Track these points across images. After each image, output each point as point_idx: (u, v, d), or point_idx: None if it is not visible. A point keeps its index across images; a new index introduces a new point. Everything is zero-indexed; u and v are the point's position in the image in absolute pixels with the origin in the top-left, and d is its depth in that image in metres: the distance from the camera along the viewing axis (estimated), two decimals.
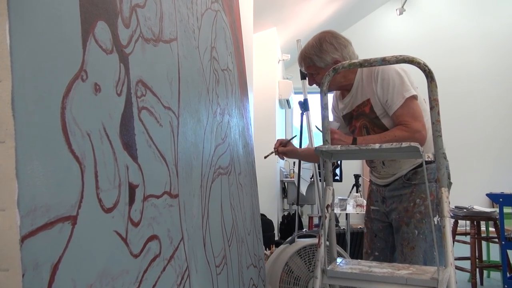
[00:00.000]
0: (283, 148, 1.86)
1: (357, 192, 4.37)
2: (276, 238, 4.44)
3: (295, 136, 2.60)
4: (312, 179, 4.51)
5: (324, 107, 1.30)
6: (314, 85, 1.62)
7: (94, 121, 0.58)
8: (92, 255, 0.54)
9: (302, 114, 3.32)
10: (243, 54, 2.21)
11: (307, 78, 1.67)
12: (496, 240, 3.20)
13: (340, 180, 4.78)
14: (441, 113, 1.15)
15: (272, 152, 1.94)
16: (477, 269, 3.15)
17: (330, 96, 1.73)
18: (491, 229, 3.49)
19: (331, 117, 1.78)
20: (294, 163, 5.32)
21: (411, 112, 1.42)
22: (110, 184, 0.60)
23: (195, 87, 1.14)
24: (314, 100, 5.69)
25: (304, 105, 3.17)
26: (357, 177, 4.68)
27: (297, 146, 2.82)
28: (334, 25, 5.91)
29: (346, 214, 3.56)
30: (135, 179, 0.69)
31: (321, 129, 1.42)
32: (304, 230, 3.42)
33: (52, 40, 0.49)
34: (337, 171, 4.75)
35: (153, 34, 0.84)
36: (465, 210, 3.15)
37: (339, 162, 4.65)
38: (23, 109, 0.44)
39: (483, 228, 3.70)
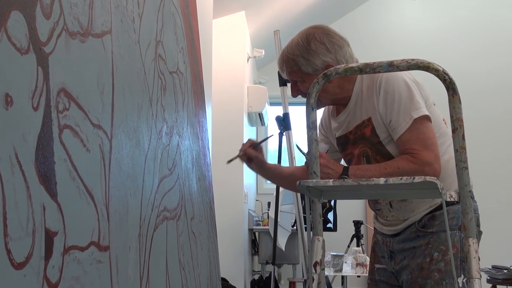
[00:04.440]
0: (252, 151, 1.84)
1: (357, 245, 4.46)
2: None
3: (271, 136, 2.60)
4: (295, 227, 4.57)
5: (311, 126, 1.37)
6: (299, 96, 1.70)
7: (4, 144, 0.62)
8: None
9: (281, 134, 3.40)
10: (199, 50, 2.28)
11: (288, 85, 1.75)
12: None
13: (334, 228, 4.86)
14: (469, 135, 1.23)
15: (237, 156, 1.90)
16: None
17: (320, 112, 1.81)
18: None
19: None
20: (268, 204, 5.37)
21: (422, 138, 1.51)
22: (22, 230, 0.64)
23: (134, 97, 1.19)
24: (298, 114, 5.82)
25: (284, 122, 3.22)
26: (358, 224, 4.78)
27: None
28: (325, 11, 6.11)
29: (342, 277, 3.63)
30: (54, 224, 0.73)
31: (303, 151, 1.47)
32: None
33: None
34: (330, 215, 4.84)
35: (81, 26, 0.90)
36: (505, 271, 3.29)
37: (332, 202, 4.74)
38: None
39: None
